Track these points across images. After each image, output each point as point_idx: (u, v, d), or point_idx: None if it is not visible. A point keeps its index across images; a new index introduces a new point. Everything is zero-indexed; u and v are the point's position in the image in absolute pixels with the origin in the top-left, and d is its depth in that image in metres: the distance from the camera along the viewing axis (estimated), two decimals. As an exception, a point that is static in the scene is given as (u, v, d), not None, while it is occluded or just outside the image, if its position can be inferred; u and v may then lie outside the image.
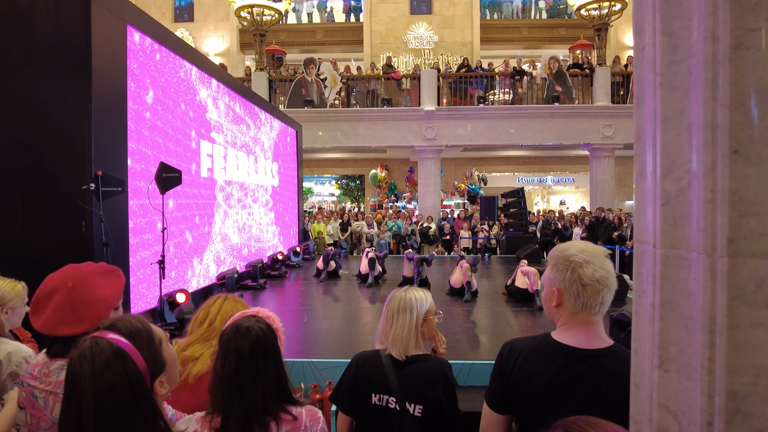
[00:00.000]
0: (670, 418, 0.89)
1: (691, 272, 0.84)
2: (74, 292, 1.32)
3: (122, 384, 0.97)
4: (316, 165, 18.64)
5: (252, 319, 1.33)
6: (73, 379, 0.97)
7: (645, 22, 0.98)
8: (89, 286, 1.34)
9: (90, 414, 0.94)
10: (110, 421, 0.95)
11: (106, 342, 1.01)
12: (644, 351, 0.98)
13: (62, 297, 1.31)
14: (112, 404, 0.96)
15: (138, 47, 4.60)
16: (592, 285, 1.28)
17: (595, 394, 1.26)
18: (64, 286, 1.32)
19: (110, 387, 0.96)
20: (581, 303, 1.30)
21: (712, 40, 0.79)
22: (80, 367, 0.97)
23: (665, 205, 0.90)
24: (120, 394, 0.96)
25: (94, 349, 0.99)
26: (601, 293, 1.29)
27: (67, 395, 0.98)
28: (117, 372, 0.97)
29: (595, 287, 1.29)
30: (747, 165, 0.76)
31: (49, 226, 3.83)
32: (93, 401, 0.95)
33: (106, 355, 0.98)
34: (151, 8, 17.16)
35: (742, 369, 0.76)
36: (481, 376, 3.50)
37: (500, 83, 13.71)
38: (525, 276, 5.79)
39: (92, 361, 0.97)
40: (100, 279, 1.38)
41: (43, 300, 1.33)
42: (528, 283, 5.71)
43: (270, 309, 5.26)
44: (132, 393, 0.98)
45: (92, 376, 0.96)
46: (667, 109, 0.90)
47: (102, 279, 1.38)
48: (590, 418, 0.85)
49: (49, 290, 1.34)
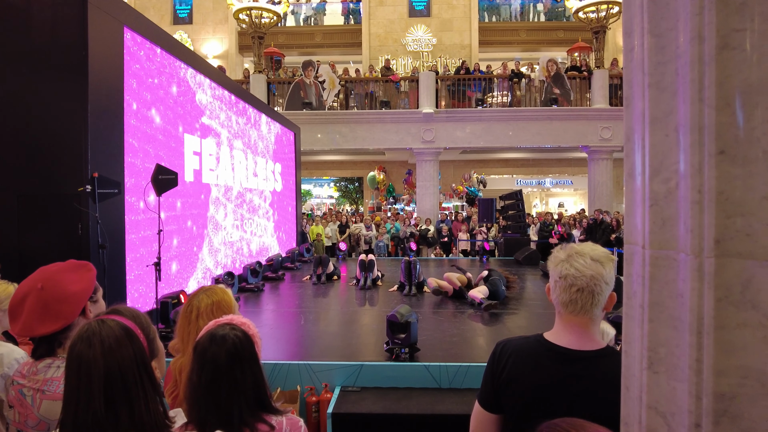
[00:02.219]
0: (660, 420, 0.88)
1: (680, 273, 0.84)
2: (44, 292, 1.34)
3: (130, 361, 1.01)
4: (315, 167, 18.65)
5: (227, 327, 1.29)
6: (80, 358, 1.00)
7: (634, 23, 0.98)
8: (58, 284, 1.36)
9: (100, 390, 0.97)
10: (117, 397, 0.98)
11: (114, 321, 1.05)
12: (634, 352, 0.98)
13: (33, 299, 1.33)
14: (120, 380, 0.99)
15: (135, 49, 4.60)
16: (560, 282, 1.30)
17: (587, 396, 1.26)
18: (33, 289, 1.35)
19: (119, 364, 1.00)
20: (555, 299, 1.34)
21: (698, 41, 0.79)
22: (88, 345, 1.00)
23: (654, 206, 0.90)
24: (127, 370, 1.00)
25: (103, 329, 1.03)
26: (568, 291, 1.28)
27: (74, 373, 1.00)
28: (126, 349, 1.01)
29: (561, 284, 1.30)
30: (733, 165, 0.76)
31: (45, 228, 3.82)
32: (103, 378, 0.98)
33: (115, 333, 1.02)
34: (150, 11, 17.18)
35: (730, 370, 0.76)
36: (477, 378, 3.49)
37: (498, 86, 13.73)
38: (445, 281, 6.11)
39: (101, 339, 1.01)
40: (69, 275, 1.40)
41: (17, 306, 1.35)
42: (448, 286, 6.05)
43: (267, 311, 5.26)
44: (137, 371, 1.02)
45: (102, 355, 0.99)
46: (656, 110, 0.90)
47: (71, 275, 1.40)
48: (576, 420, 0.85)
49: (20, 296, 1.36)
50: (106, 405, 0.97)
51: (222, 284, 1.87)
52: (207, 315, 1.63)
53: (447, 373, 3.54)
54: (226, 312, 1.64)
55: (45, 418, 1.29)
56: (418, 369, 3.57)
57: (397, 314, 3.75)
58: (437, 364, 3.58)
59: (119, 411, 0.98)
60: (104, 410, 0.97)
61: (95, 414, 0.97)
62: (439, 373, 3.55)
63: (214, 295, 1.71)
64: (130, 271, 4.36)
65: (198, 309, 1.66)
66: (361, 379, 3.58)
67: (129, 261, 4.35)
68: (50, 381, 1.31)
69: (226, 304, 1.70)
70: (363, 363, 3.63)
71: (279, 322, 5.13)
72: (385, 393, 3.45)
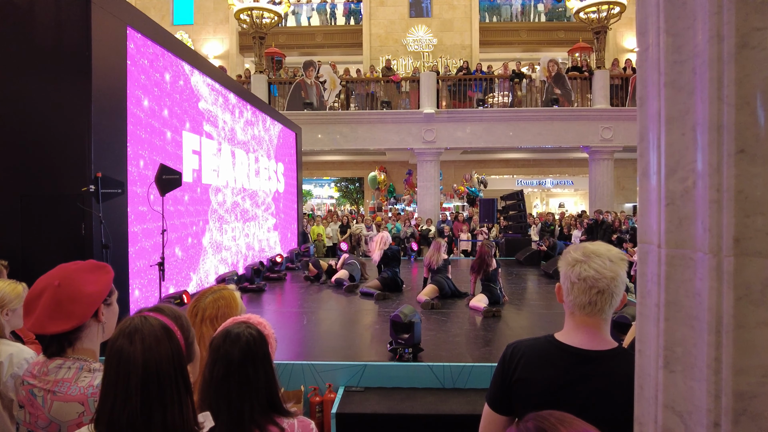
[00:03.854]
0: (676, 419, 0.88)
1: (697, 272, 0.84)
2: (60, 289, 1.33)
3: (167, 359, 1.01)
4: (316, 167, 18.64)
5: (243, 326, 1.29)
6: (121, 353, 1.00)
7: (648, 22, 0.98)
8: (75, 283, 1.35)
9: (137, 388, 0.97)
10: (152, 397, 0.98)
11: (156, 319, 1.05)
12: (649, 351, 0.97)
13: (49, 296, 1.33)
14: (156, 380, 0.99)
15: (138, 49, 4.60)
16: (579, 284, 1.29)
17: (599, 396, 1.26)
18: (50, 285, 1.34)
19: (157, 361, 1.00)
20: (571, 301, 1.32)
21: (717, 40, 0.79)
22: (129, 341, 1.00)
23: (670, 205, 0.90)
24: (164, 371, 1.00)
25: (144, 325, 1.03)
26: (588, 293, 1.28)
27: (113, 368, 1.00)
28: (165, 347, 1.01)
29: (581, 286, 1.29)
30: (753, 164, 0.76)
31: (48, 228, 3.82)
32: (141, 373, 0.98)
33: (155, 330, 1.02)
34: (151, 11, 17.17)
35: (750, 369, 0.76)
36: (481, 378, 3.49)
37: (499, 86, 13.73)
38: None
39: (143, 336, 1.01)
40: (87, 275, 1.39)
41: (33, 301, 1.35)
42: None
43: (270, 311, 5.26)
44: (174, 372, 1.02)
45: (142, 352, 0.99)
46: (672, 109, 0.90)
47: (88, 275, 1.39)
48: (564, 415, 0.84)
49: (37, 291, 1.36)
50: (142, 404, 0.97)
51: (232, 286, 1.85)
52: (211, 319, 1.62)
53: (451, 373, 3.54)
54: (232, 316, 1.63)
55: (56, 419, 1.28)
56: (421, 369, 3.57)
57: (400, 314, 3.75)
58: (441, 364, 3.58)
59: (153, 411, 0.97)
60: (139, 409, 0.97)
61: (131, 413, 0.96)
62: (442, 373, 3.54)
63: (221, 299, 1.70)
64: (132, 271, 4.36)
65: (203, 312, 1.65)
66: (365, 379, 3.58)
67: (132, 261, 4.35)
68: (61, 382, 1.30)
69: (232, 308, 1.69)
70: (367, 363, 3.63)
71: (282, 322, 5.13)
72: (388, 393, 3.45)
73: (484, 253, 5.70)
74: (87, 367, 1.35)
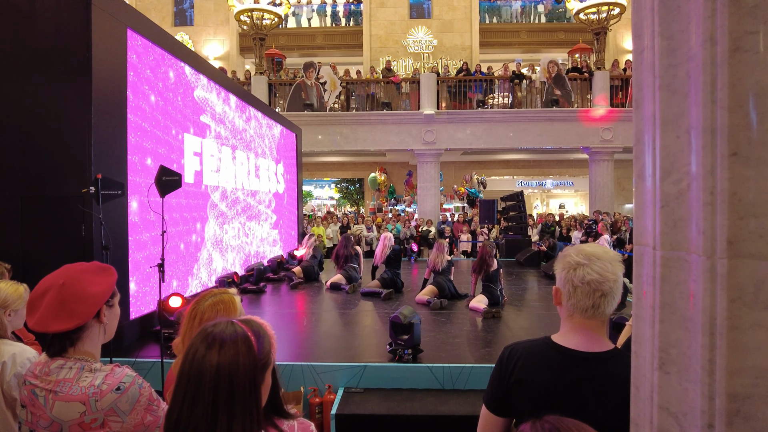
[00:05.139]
0: (671, 421, 0.89)
1: (691, 274, 0.84)
2: (64, 289, 1.35)
3: (242, 374, 0.99)
4: (316, 168, 18.65)
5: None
6: (196, 357, 0.99)
7: (644, 25, 0.99)
8: (79, 283, 1.37)
9: (210, 394, 0.96)
10: (220, 406, 0.97)
11: (240, 328, 1.05)
12: (644, 353, 0.98)
13: (53, 295, 1.34)
14: (228, 385, 0.97)
15: (138, 51, 4.61)
16: (582, 287, 1.29)
17: (597, 397, 1.26)
18: (55, 285, 1.36)
19: (232, 370, 0.98)
20: (573, 304, 1.32)
21: (710, 43, 0.80)
22: (207, 346, 0.99)
23: (665, 207, 0.91)
24: (238, 382, 0.98)
25: (227, 332, 1.02)
26: (591, 297, 1.28)
27: (185, 371, 0.99)
28: (243, 357, 1.00)
29: (584, 290, 1.29)
30: (746, 167, 0.76)
31: (48, 229, 3.82)
32: (214, 382, 0.97)
33: (239, 337, 1.02)
34: (151, 12, 17.21)
35: (743, 371, 0.76)
36: (480, 379, 3.50)
37: (499, 87, 13.74)
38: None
39: (222, 342, 1.00)
40: (91, 276, 1.41)
41: (36, 300, 1.36)
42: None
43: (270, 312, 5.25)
44: (248, 381, 1.00)
45: (219, 358, 0.98)
46: (667, 112, 0.91)
47: (93, 276, 1.41)
48: (581, 424, 0.85)
49: (42, 290, 1.37)
50: (212, 411, 0.96)
51: (233, 290, 1.85)
52: (210, 320, 1.62)
53: (450, 374, 3.54)
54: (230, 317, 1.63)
55: (57, 418, 1.29)
56: (421, 370, 3.57)
57: (400, 315, 3.75)
58: (440, 365, 3.58)
59: (219, 421, 0.96)
60: (208, 416, 0.96)
61: (198, 419, 0.96)
62: (442, 374, 3.55)
63: (220, 303, 1.70)
64: (133, 272, 4.37)
65: (202, 315, 1.65)
66: (365, 381, 3.59)
67: (131, 262, 4.35)
68: (63, 382, 1.32)
69: (230, 313, 1.69)
70: (366, 364, 3.63)
71: (281, 323, 5.13)
72: (388, 394, 3.45)
73: (485, 254, 5.70)
74: (88, 367, 1.36)
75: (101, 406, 1.30)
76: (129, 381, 1.35)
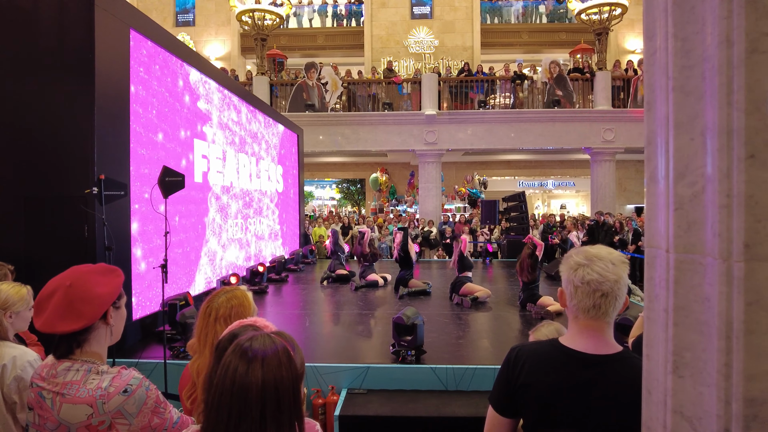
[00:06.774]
0: (686, 425, 0.88)
1: (706, 277, 0.84)
2: (72, 290, 1.35)
3: (287, 385, 1.01)
4: (317, 169, 18.64)
5: (249, 329, 1.30)
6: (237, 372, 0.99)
7: (656, 26, 0.98)
8: (86, 284, 1.37)
9: (257, 404, 0.97)
10: (270, 414, 0.98)
11: (278, 339, 1.05)
12: (657, 356, 0.97)
13: (61, 296, 1.35)
14: (275, 398, 0.98)
15: (141, 51, 4.61)
16: (582, 287, 1.29)
17: (605, 400, 1.26)
18: (62, 286, 1.36)
19: (277, 382, 0.99)
20: (575, 305, 1.32)
21: (726, 45, 0.79)
22: (251, 361, 1.00)
23: (678, 210, 0.90)
24: (285, 389, 1.00)
25: (267, 343, 1.03)
26: (592, 297, 1.28)
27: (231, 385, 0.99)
28: (286, 369, 1.02)
29: (585, 290, 1.29)
30: (763, 170, 0.76)
31: (51, 230, 3.82)
32: (261, 393, 0.97)
33: (279, 350, 1.03)
34: (153, 13, 17.20)
35: (761, 375, 0.76)
36: (484, 380, 3.49)
37: (501, 87, 13.73)
38: None
39: (265, 354, 1.01)
40: (98, 277, 1.41)
41: (44, 301, 1.37)
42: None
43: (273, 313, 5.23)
44: (292, 391, 1.02)
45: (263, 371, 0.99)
46: (680, 114, 0.90)
47: (100, 277, 1.41)
48: None
49: (49, 291, 1.38)
50: (260, 425, 0.97)
51: (244, 286, 1.86)
52: (225, 318, 1.64)
53: (454, 375, 3.54)
54: (244, 315, 1.64)
55: (65, 421, 1.29)
56: (424, 371, 3.56)
57: (403, 316, 3.75)
58: (444, 366, 3.58)
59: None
60: (257, 430, 0.96)
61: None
62: (445, 375, 3.54)
63: (234, 298, 1.71)
64: (135, 273, 4.36)
65: (217, 311, 1.67)
66: (368, 382, 3.58)
67: (134, 262, 4.35)
68: (70, 384, 1.32)
69: (245, 307, 1.71)
70: (369, 365, 3.62)
71: (284, 323, 5.13)
72: (391, 395, 3.44)
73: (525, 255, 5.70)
74: (95, 369, 1.36)
75: (108, 408, 1.29)
76: (136, 383, 1.35)
